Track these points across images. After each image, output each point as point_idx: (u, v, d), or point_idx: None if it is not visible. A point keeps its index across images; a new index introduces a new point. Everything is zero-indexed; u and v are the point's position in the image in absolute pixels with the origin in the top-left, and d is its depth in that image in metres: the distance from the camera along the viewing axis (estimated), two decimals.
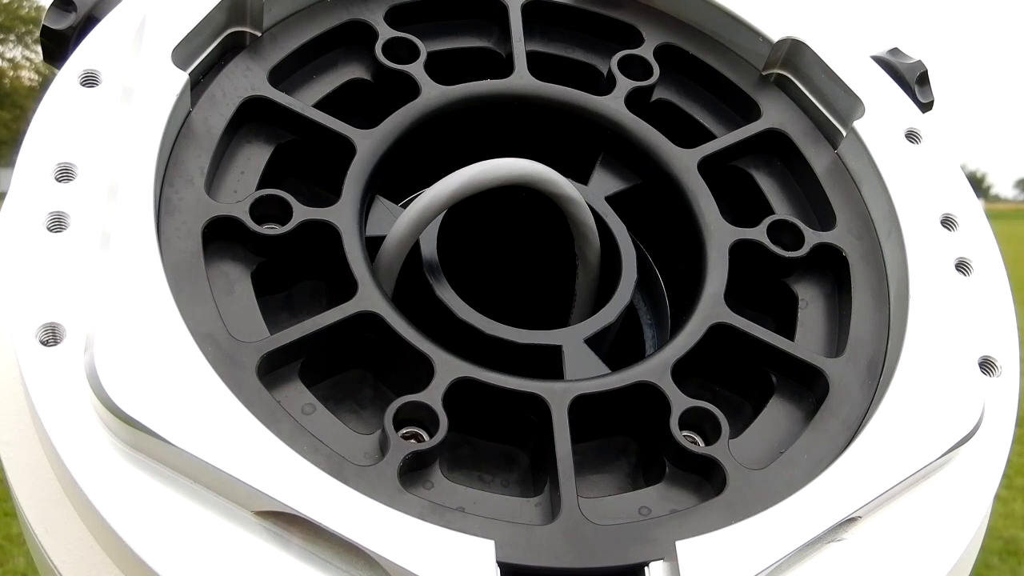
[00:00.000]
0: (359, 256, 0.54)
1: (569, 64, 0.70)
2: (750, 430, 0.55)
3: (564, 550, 0.46)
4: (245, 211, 0.54)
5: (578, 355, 0.57)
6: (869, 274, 0.61)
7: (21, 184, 0.51)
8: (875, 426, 0.52)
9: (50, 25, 0.63)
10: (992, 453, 0.53)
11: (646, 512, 0.50)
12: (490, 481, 0.51)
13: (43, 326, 0.47)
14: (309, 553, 0.43)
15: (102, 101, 0.55)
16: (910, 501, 0.50)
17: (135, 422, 0.43)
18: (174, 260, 0.51)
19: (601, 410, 0.53)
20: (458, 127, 0.64)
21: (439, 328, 0.56)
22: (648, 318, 0.68)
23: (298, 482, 0.43)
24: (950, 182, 0.64)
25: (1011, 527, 3.93)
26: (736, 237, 0.62)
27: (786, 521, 0.47)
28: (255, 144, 0.59)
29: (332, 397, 0.52)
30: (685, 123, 0.69)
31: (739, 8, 0.69)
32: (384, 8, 0.66)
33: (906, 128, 0.66)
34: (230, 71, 0.60)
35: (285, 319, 0.54)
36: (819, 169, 0.66)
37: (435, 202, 0.58)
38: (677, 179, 0.64)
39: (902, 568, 0.48)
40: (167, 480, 0.44)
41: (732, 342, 0.57)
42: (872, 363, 0.57)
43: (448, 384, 0.50)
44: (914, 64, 0.73)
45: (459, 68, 0.66)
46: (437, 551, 0.43)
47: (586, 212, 0.62)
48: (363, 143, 0.59)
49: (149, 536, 0.42)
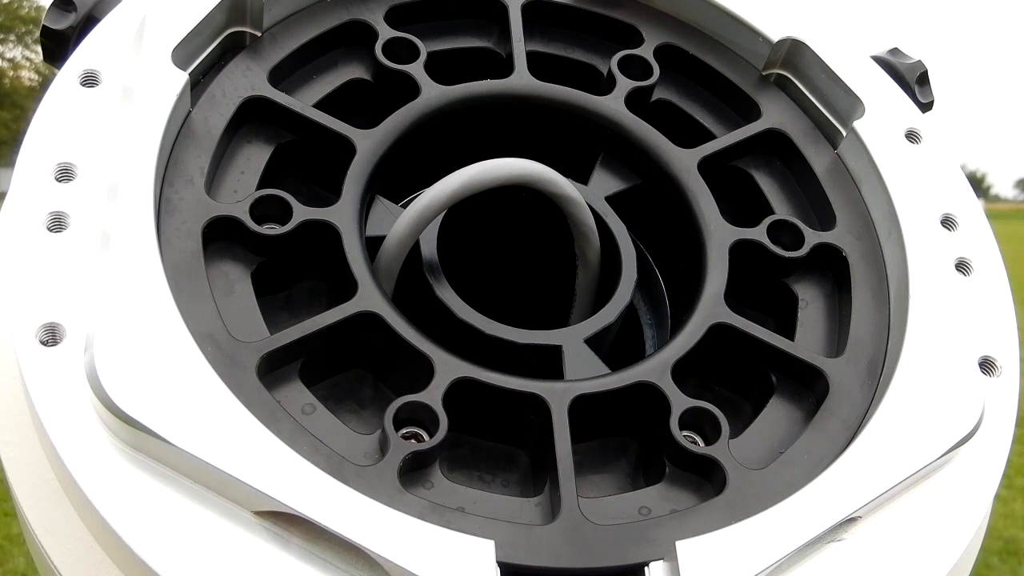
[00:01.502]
0: (359, 256, 0.54)
1: (569, 64, 0.70)
2: (750, 430, 0.55)
3: (564, 550, 0.46)
4: (245, 211, 0.54)
5: (578, 355, 0.57)
6: (869, 274, 0.61)
7: (21, 184, 0.51)
8: (875, 426, 0.52)
9: (50, 25, 0.63)
10: (992, 453, 0.53)
11: (646, 512, 0.50)
12: (490, 481, 0.51)
13: (43, 326, 0.47)
14: (309, 553, 0.43)
15: (102, 101, 0.55)
16: (910, 501, 0.50)
17: (135, 422, 0.43)
18: (174, 260, 0.51)
19: (601, 410, 0.53)
20: (458, 127, 0.64)
21: (439, 328, 0.56)
22: (648, 318, 0.68)
23: (298, 482, 0.43)
24: (950, 182, 0.64)
25: (1011, 527, 3.93)
26: (736, 237, 0.62)
27: (786, 521, 0.47)
28: (255, 144, 0.59)
29: (332, 397, 0.52)
30: (685, 123, 0.69)
31: (739, 8, 0.69)
32: (384, 8, 0.66)
33: (906, 128, 0.66)
34: (230, 71, 0.60)
35: (285, 319, 0.54)
36: (819, 169, 0.66)
37: (435, 202, 0.58)
38: (677, 179, 0.64)
39: (902, 568, 0.48)
40: (167, 480, 0.44)
41: (732, 342, 0.57)
42: (872, 363, 0.57)
43: (448, 384, 0.50)
44: (914, 64, 0.73)
45: (459, 68, 0.66)
46: (437, 551, 0.43)
47: (586, 212, 0.62)
48: (363, 143, 0.59)
49: (149, 536, 0.42)
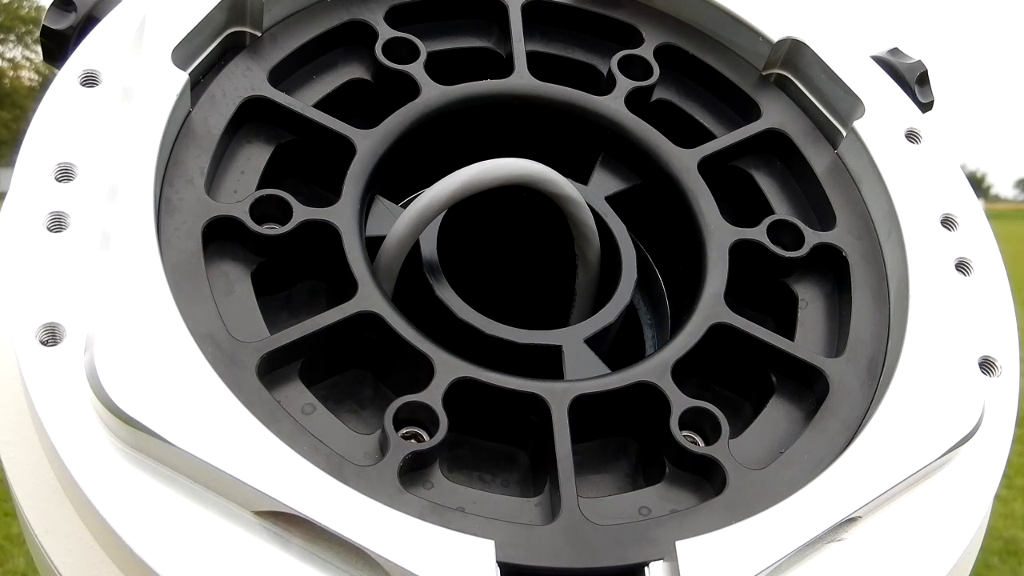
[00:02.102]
0: (359, 256, 0.54)
1: (569, 64, 0.70)
2: (750, 430, 0.55)
3: (564, 550, 0.46)
4: (245, 211, 0.54)
5: (578, 355, 0.57)
6: (869, 274, 0.61)
7: (21, 184, 0.51)
8: (875, 426, 0.52)
9: (50, 25, 0.63)
10: (992, 453, 0.53)
11: (646, 512, 0.50)
12: (490, 481, 0.51)
13: (43, 326, 0.47)
14: (309, 553, 0.43)
15: (102, 101, 0.55)
16: (910, 501, 0.50)
17: (135, 422, 0.43)
18: (174, 260, 0.51)
19: (601, 410, 0.53)
20: (458, 127, 0.64)
21: (439, 328, 0.56)
22: (648, 318, 0.68)
23: (298, 482, 0.43)
24: (950, 182, 0.64)
25: (1011, 527, 3.93)
26: (736, 237, 0.62)
27: (786, 521, 0.47)
28: (255, 144, 0.59)
29: (332, 397, 0.52)
30: (685, 123, 0.69)
31: (739, 8, 0.69)
32: (384, 8, 0.66)
33: (906, 128, 0.66)
34: (230, 71, 0.60)
35: (285, 319, 0.54)
36: (819, 169, 0.66)
37: (435, 202, 0.58)
38: (677, 179, 0.64)
39: (902, 568, 0.48)
40: (167, 480, 0.44)
41: (732, 342, 0.57)
42: (872, 363, 0.57)
43: (448, 384, 0.50)
44: (914, 64, 0.73)
45: (459, 68, 0.66)
46: (437, 551, 0.43)
47: (586, 212, 0.62)
48: (363, 143, 0.59)
49: (149, 536, 0.42)
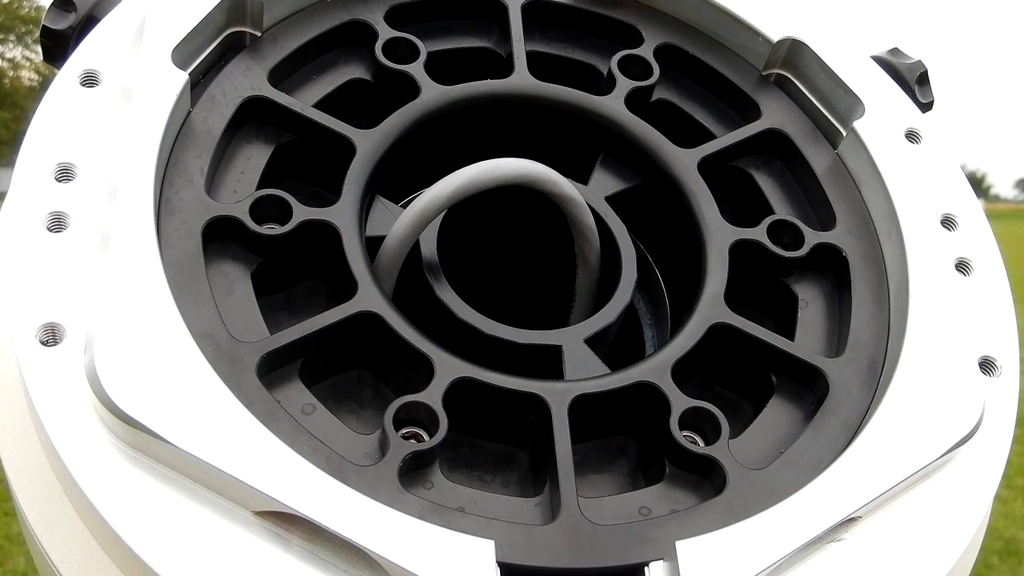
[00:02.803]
0: (359, 256, 0.54)
1: (569, 64, 0.70)
2: (750, 430, 0.55)
3: (564, 550, 0.46)
4: (245, 211, 0.54)
5: (578, 355, 0.57)
6: (869, 274, 0.61)
7: (21, 184, 0.51)
8: (875, 426, 0.52)
9: (50, 25, 0.63)
10: (992, 453, 0.53)
11: (646, 512, 0.50)
12: (490, 481, 0.51)
13: (43, 326, 0.47)
14: (309, 553, 0.43)
15: (102, 101, 0.55)
16: (910, 501, 0.50)
17: (135, 422, 0.43)
18: (174, 260, 0.51)
19: (601, 410, 0.53)
20: (458, 127, 0.64)
21: (439, 328, 0.56)
22: (648, 318, 0.68)
23: (298, 482, 0.43)
24: (950, 182, 0.64)
25: (1011, 527, 3.93)
26: (736, 237, 0.62)
27: (786, 521, 0.47)
28: (255, 144, 0.59)
29: (332, 397, 0.52)
30: (685, 123, 0.69)
31: (739, 8, 0.69)
32: (384, 8, 0.66)
33: (906, 128, 0.66)
34: (230, 71, 0.60)
35: (285, 319, 0.54)
36: (819, 169, 0.66)
37: (435, 202, 0.58)
38: (677, 179, 0.64)
39: (902, 568, 0.48)
40: (167, 480, 0.44)
41: (732, 342, 0.57)
42: (872, 363, 0.57)
43: (448, 384, 0.50)
44: (914, 64, 0.73)
45: (459, 68, 0.66)
46: (437, 551, 0.43)
47: (586, 212, 0.62)
48: (363, 143, 0.59)
49: (149, 536, 0.42)
